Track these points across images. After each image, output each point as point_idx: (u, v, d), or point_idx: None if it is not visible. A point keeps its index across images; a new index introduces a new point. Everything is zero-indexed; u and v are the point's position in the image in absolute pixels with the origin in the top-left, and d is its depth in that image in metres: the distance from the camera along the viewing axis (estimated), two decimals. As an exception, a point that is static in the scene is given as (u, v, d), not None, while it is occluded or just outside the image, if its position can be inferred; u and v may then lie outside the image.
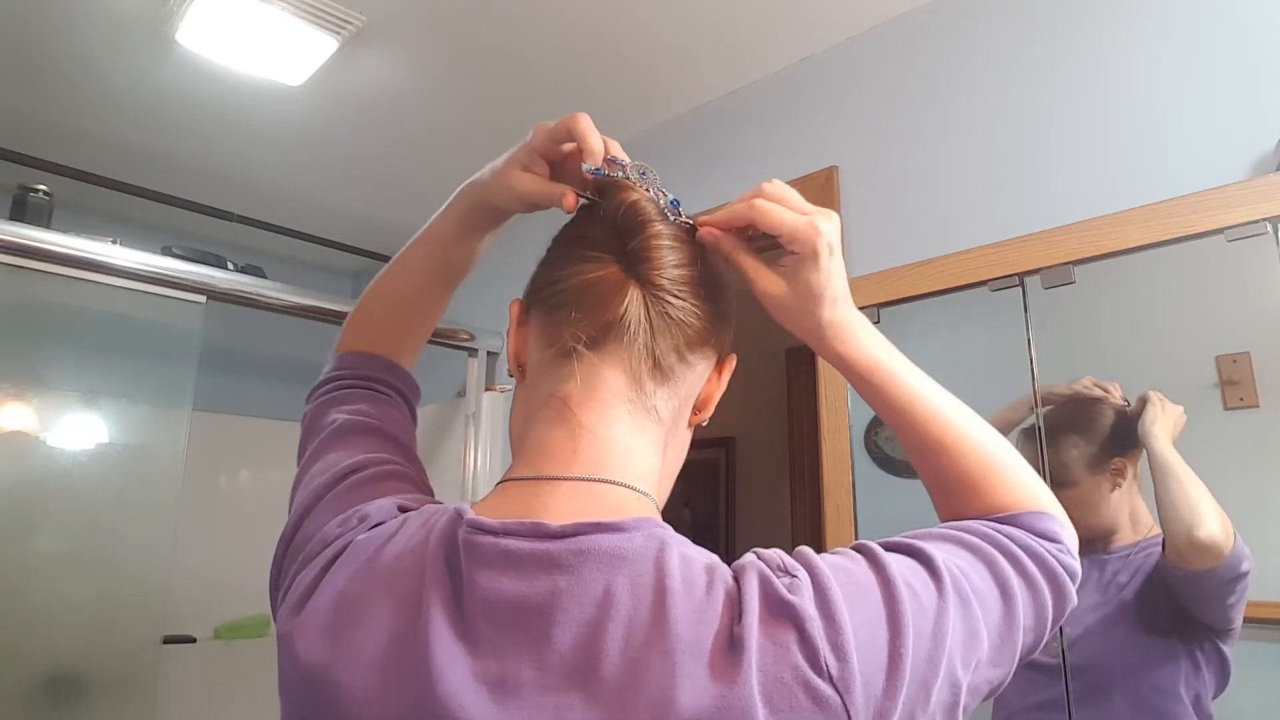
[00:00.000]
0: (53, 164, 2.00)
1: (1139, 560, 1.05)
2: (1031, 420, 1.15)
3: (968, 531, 0.50)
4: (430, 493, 0.58)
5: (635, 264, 0.50)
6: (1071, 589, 0.51)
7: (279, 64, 1.67)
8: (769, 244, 0.54)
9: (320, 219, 2.52)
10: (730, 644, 0.39)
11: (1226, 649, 0.97)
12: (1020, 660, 0.48)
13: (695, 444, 0.58)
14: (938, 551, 0.46)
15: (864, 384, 0.55)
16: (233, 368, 2.67)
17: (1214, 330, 1.05)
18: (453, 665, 0.41)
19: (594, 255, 0.51)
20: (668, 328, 0.50)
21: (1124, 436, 1.09)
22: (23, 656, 1.53)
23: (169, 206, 2.24)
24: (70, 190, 2.02)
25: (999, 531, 0.50)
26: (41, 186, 1.69)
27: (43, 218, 1.65)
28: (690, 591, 0.41)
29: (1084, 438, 1.12)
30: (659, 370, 0.50)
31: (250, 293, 1.83)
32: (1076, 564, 0.53)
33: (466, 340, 2.17)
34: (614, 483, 0.48)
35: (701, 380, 0.54)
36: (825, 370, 1.42)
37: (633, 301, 0.49)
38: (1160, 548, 1.03)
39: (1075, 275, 1.15)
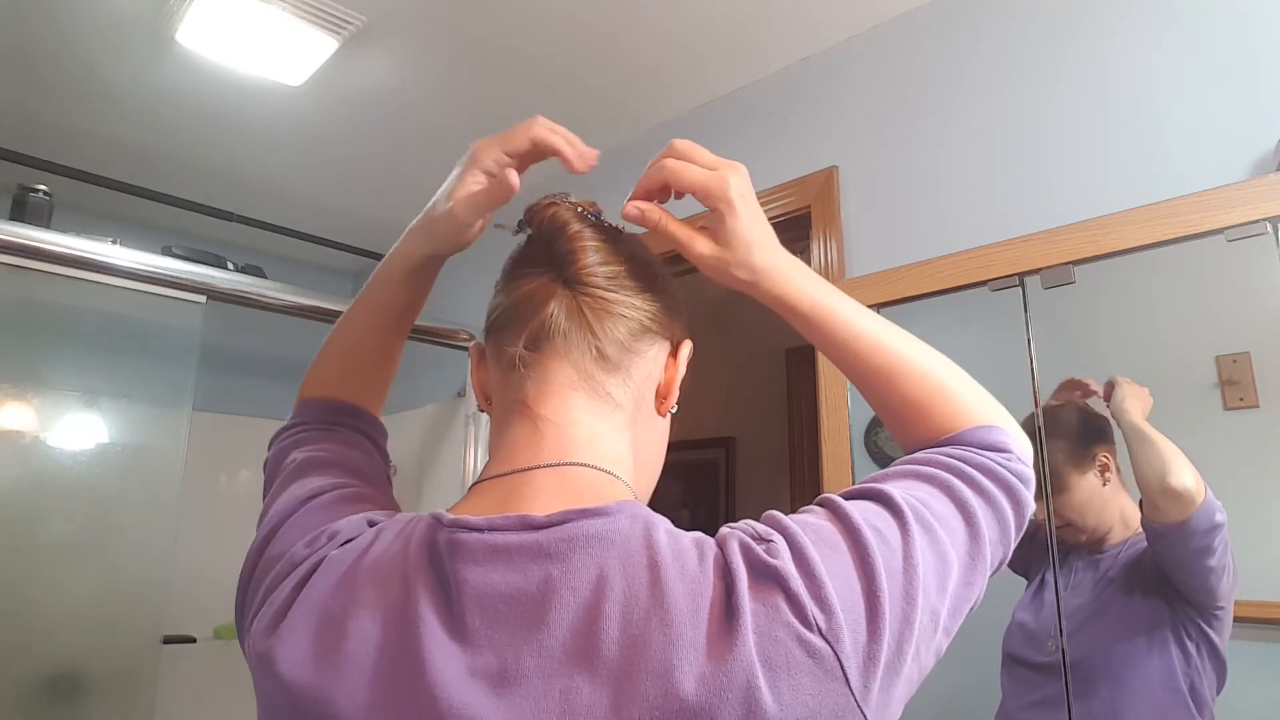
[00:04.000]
0: (53, 164, 2.00)
1: (1128, 554, 1.07)
2: (1031, 420, 1.15)
3: (921, 463, 0.52)
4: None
5: (562, 268, 0.52)
6: (1027, 494, 0.53)
7: (279, 64, 1.67)
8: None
9: (320, 219, 2.52)
10: (726, 611, 0.40)
11: (1215, 636, 0.98)
12: (991, 573, 0.50)
13: (695, 444, 0.59)
14: (895, 489, 0.48)
15: (806, 324, 0.56)
16: (233, 368, 2.66)
17: (1214, 330, 1.05)
18: (448, 664, 0.41)
19: (528, 271, 0.54)
20: (601, 321, 0.52)
21: (1097, 428, 1.11)
22: (23, 656, 1.53)
23: (169, 206, 2.24)
24: (70, 190, 2.02)
25: (950, 456, 0.52)
26: (41, 186, 1.69)
27: (43, 218, 1.65)
28: (683, 565, 0.42)
29: (1062, 439, 1.14)
30: (605, 360, 0.52)
31: (250, 293, 1.84)
32: (1028, 470, 0.54)
33: (466, 340, 2.17)
34: (584, 465, 0.49)
35: (657, 367, 0.56)
36: (825, 370, 1.42)
37: (560, 301, 0.52)
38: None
39: (1075, 275, 1.15)
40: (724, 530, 0.46)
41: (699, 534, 0.46)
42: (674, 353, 0.57)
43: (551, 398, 0.51)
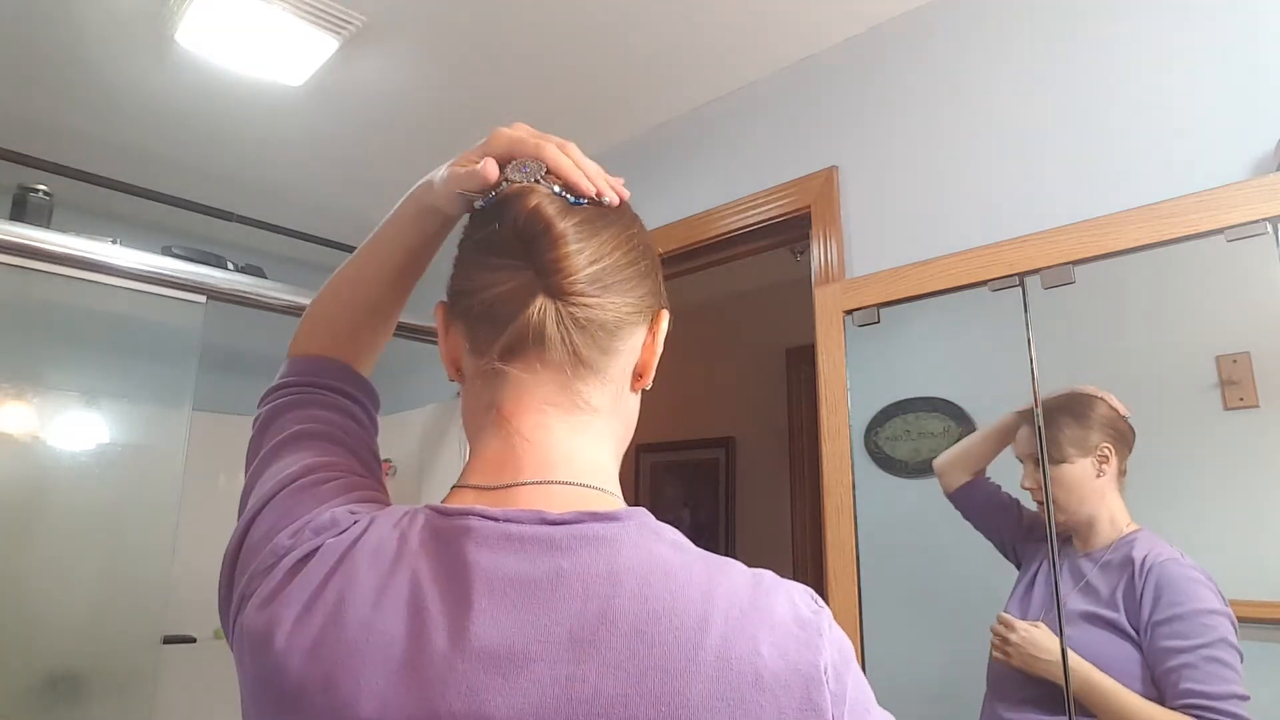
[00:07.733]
0: (53, 164, 2.00)
1: (1116, 561, 1.06)
2: (1030, 418, 1.15)
3: None
4: (387, 498, 0.56)
5: (546, 275, 0.49)
6: None
7: (279, 64, 1.67)
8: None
9: (320, 219, 2.52)
10: (744, 607, 0.42)
11: None
12: None
13: (695, 444, 0.59)
14: None
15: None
16: (233, 368, 2.66)
17: (1214, 330, 1.05)
18: (453, 644, 0.42)
19: (502, 264, 0.50)
20: (584, 329, 0.50)
21: (1116, 430, 1.10)
22: (23, 656, 1.53)
23: (169, 206, 2.24)
24: (70, 190, 2.02)
25: None
26: (41, 186, 1.69)
27: (43, 218, 1.65)
28: (690, 573, 0.44)
29: (1076, 421, 1.13)
30: (585, 367, 0.51)
31: (250, 293, 1.83)
32: None
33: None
34: (569, 483, 0.49)
35: (635, 351, 0.54)
36: (825, 370, 1.42)
37: (547, 314, 0.49)
38: (1133, 542, 1.05)
39: (1075, 275, 1.15)
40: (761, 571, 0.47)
41: (705, 552, 0.47)
42: (652, 328, 0.55)
43: (529, 413, 0.50)
